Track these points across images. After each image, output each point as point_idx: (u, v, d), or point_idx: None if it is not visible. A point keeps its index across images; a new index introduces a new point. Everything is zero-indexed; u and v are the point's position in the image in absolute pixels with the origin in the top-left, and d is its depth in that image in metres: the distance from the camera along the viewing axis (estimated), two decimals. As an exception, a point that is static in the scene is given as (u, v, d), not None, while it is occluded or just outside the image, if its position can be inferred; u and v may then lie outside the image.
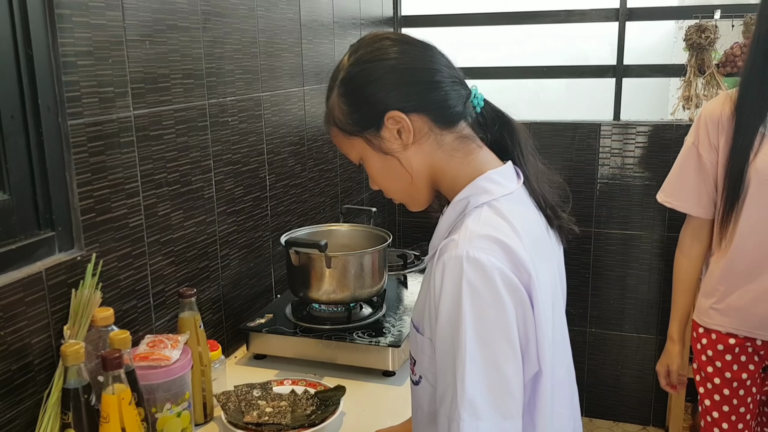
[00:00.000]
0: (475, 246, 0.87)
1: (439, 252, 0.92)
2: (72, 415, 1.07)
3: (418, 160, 0.99)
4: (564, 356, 1.05)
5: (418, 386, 0.99)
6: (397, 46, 0.98)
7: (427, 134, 0.98)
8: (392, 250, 2.17)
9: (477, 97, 1.02)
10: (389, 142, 0.98)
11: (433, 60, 0.99)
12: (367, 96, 0.97)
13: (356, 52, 1.00)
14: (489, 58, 3.00)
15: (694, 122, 1.73)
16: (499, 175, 0.98)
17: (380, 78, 0.96)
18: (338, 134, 1.02)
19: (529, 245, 0.91)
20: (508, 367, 0.87)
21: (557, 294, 1.01)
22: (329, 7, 2.25)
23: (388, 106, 0.96)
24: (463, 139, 1.00)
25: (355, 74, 0.98)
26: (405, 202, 1.07)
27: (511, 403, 0.87)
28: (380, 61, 0.97)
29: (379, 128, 0.97)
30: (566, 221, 1.07)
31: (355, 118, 0.99)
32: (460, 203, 0.97)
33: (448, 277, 0.88)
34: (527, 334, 0.89)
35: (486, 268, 0.86)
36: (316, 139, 2.19)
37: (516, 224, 0.92)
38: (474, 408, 0.85)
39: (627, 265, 2.81)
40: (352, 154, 1.03)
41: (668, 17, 2.89)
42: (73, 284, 1.22)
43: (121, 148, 1.34)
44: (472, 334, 0.85)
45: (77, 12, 1.21)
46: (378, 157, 1.00)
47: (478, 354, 0.85)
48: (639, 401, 2.92)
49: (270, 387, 1.45)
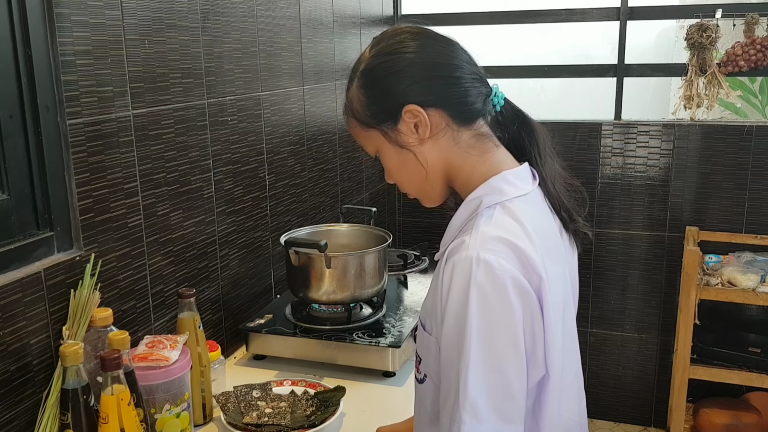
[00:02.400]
0: (486, 248, 0.87)
1: (449, 252, 0.91)
2: (71, 415, 1.06)
3: (433, 156, 0.98)
4: (573, 361, 1.04)
5: (422, 384, 0.99)
6: (419, 39, 0.98)
7: (444, 130, 0.97)
8: (392, 250, 2.17)
9: (497, 95, 1.01)
10: (406, 135, 0.98)
11: (454, 55, 0.98)
12: (386, 88, 0.97)
13: (378, 44, 0.99)
14: (489, 57, 3.00)
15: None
16: (514, 175, 0.97)
17: (400, 71, 0.96)
18: (356, 126, 1.02)
19: (541, 248, 0.91)
20: (511, 372, 0.86)
21: (568, 298, 1.00)
22: (329, 6, 2.24)
23: (406, 100, 0.96)
24: (480, 137, 0.99)
25: (375, 66, 0.98)
26: (419, 197, 1.06)
27: (513, 407, 0.87)
28: (401, 54, 0.96)
29: (397, 121, 0.97)
30: (581, 225, 1.06)
31: (373, 110, 0.99)
32: (472, 202, 0.97)
33: (457, 278, 0.87)
34: (534, 337, 0.88)
35: (495, 270, 0.85)
36: (316, 139, 2.18)
37: (528, 226, 0.91)
38: (475, 410, 0.85)
39: (628, 266, 2.80)
40: (369, 146, 1.03)
41: (669, 16, 2.89)
42: (72, 284, 1.22)
43: (120, 148, 1.33)
44: (477, 337, 0.85)
45: (76, 11, 1.21)
46: (394, 151, 1.00)
47: (482, 357, 0.85)
48: (640, 402, 2.91)
49: (269, 388, 1.45)
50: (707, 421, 2.58)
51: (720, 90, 2.53)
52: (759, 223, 2.61)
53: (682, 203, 2.68)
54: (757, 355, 2.40)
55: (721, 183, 2.62)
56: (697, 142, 2.62)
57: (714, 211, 2.65)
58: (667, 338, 2.79)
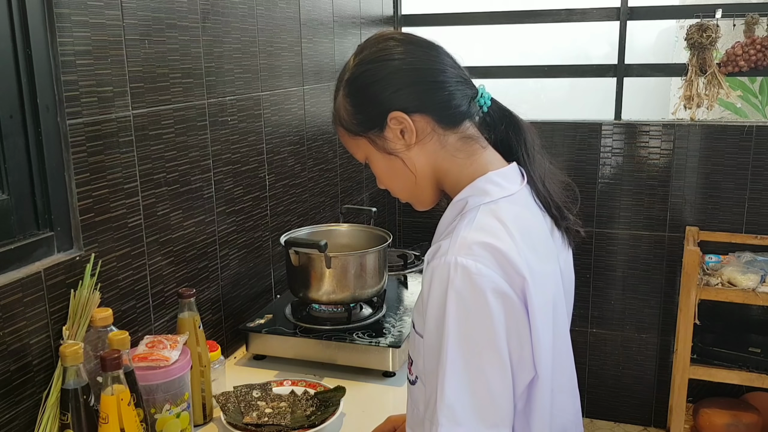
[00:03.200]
0: (464, 253, 0.87)
1: (428, 257, 0.92)
2: (71, 415, 1.07)
3: (421, 160, 0.99)
4: (566, 362, 1.04)
5: (414, 386, 0.99)
6: (402, 46, 0.98)
7: (430, 134, 0.98)
8: (392, 250, 2.17)
9: (484, 96, 1.01)
10: (392, 142, 0.98)
11: (438, 60, 0.99)
12: (371, 96, 0.98)
13: (361, 53, 1.00)
14: (490, 57, 3.00)
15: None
16: (499, 176, 0.97)
17: (383, 78, 0.97)
18: (344, 134, 1.04)
19: (526, 248, 0.90)
20: (493, 375, 0.86)
21: (558, 297, 1.00)
22: (329, 5, 2.24)
23: (390, 107, 0.96)
24: (467, 139, 1.00)
25: (359, 75, 0.99)
26: (411, 202, 1.07)
27: (496, 411, 0.87)
28: (384, 61, 0.97)
29: (383, 128, 0.98)
30: (573, 222, 1.06)
31: (359, 118, 1.00)
32: (458, 204, 0.97)
33: (435, 283, 0.88)
34: (521, 340, 0.88)
35: (473, 275, 0.85)
36: (316, 139, 2.18)
37: (512, 227, 0.91)
38: (453, 414, 0.85)
39: (628, 266, 2.80)
40: (358, 154, 1.04)
41: (669, 16, 2.89)
42: (72, 284, 1.22)
43: (120, 148, 1.33)
44: (454, 341, 0.85)
45: (76, 11, 1.21)
46: (382, 157, 1.01)
47: (460, 361, 0.85)
48: (640, 402, 2.91)
49: (269, 388, 1.45)
50: (707, 421, 2.58)
51: (720, 90, 2.53)
52: (759, 223, 2.61)
53: (682, 203, 2.68)
54: (757, 355, 2.40)
55: (721, 183, 2.62)
56: (697, 142, 2.62)
57: (714, 211, 2.65)
58: (667, 338, 2.78)
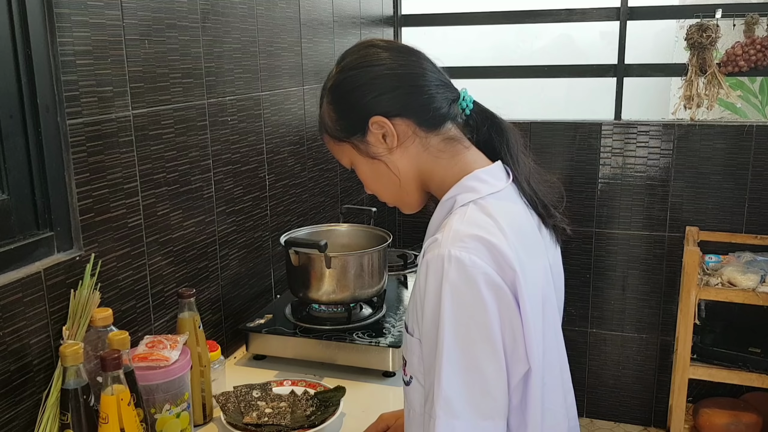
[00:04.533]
0: (458, 245, 0.88)
1: (423, 251, 0.93)
2: (71, 415, 1.07)
3: (404, 163, 1.02)
4: (557, 357, 1.04)
5: (409, 387, 1.00)
6: (383, 52, 1.01)
7: (412, 137, 1.00)
8: (392, 250, 2.17)
9: (466, 99, 1.04)
10: (375, 146, 1.01)
11: (417, 65, 1.01)
12: (352, 103, 1.00)
13: (343, 60, 1.04)
14: (489, 57, 3.00)
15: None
16: (486, 173, 0.99)
17: (364, 84, 0.99)
18: (329, 141, 1.06)
19: (516, 243, 0.92)
20: (488, 368, 0.87)
21: (548, 292, 1.00)
22: (329, 5, 2.24)
23: (371, 112, 0.99)
24: (450, 140, 1.01)
25: (341, 82, 1.02)
26: (397, 205, 1.10)
27: (492, 403, 0.88)
28: (365, 68, 1.00)
29: (365, 133, 1.01)
30: (559, 220, 1.07)
31: (342, 124, 1.02)
32: (447, 202, 0.99)
33: (431, 276, 0.89)
34: (514, 333, 0.89)
35: (467, 267, 0.86)
36: (316, 139, 2.18)
37: (502, 222, 0.92)
38: (450, 406, 0.86)
39: (628, 266, 2.80)
40: (343, 159, 1.07)
41: (669, 16, 2.88)
42: (72, 284, 1.22)
43: (120, 148, 1.33)
44: (450, 334, 0.86)
45: (76, 11, 1.21)
46: (366, 162, 1.03)
47: (457, 353, 0.86)
48: (640, 402, 2.91)
49: (269, 388, 1.45)
50: (707, 421, 2.58)
51: (720, 90, 2.53)
52: (759, 223, 2.61)
53: (682, 203, 2.68)
54: (757, 355, 2.39)
55: (721, 183, 2.62)
56: (697, 142, 2.62)
57: (714, 211, 2.65)
58: (667, 338, 2.78)
